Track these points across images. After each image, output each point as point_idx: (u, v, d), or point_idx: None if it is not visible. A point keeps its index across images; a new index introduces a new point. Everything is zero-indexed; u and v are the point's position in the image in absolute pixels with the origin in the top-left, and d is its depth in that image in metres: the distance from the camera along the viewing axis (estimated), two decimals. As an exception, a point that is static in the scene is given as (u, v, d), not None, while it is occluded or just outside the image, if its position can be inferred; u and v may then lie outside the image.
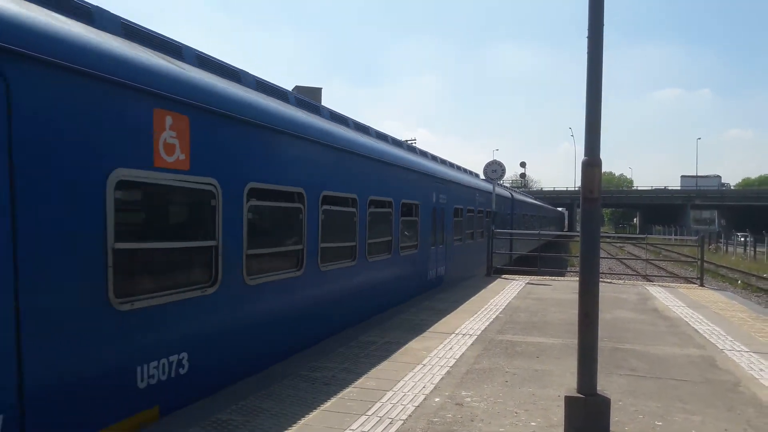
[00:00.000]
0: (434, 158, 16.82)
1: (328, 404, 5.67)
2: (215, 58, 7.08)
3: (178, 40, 6.47)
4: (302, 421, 5.21)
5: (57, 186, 4.23)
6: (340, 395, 5.94)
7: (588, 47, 5.01)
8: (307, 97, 9.87)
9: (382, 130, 12.72)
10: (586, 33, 5.03)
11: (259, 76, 7.91)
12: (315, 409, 5.54)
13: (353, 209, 9.54)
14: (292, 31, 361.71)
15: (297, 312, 7.73)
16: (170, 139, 5.27)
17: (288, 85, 10.39)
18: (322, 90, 19.72)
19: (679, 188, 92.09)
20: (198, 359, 5.72)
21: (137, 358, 5.01)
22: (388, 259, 11.25)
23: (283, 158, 7.43)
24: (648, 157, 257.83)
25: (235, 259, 6.26)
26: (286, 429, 5.04)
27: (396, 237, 11.52)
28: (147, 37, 5.91)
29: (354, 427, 5.12)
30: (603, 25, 5.01)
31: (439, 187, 14.66)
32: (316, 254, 8.15)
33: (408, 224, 12.44)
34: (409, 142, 24.38)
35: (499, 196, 24.25)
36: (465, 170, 21.04)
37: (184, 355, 5.55)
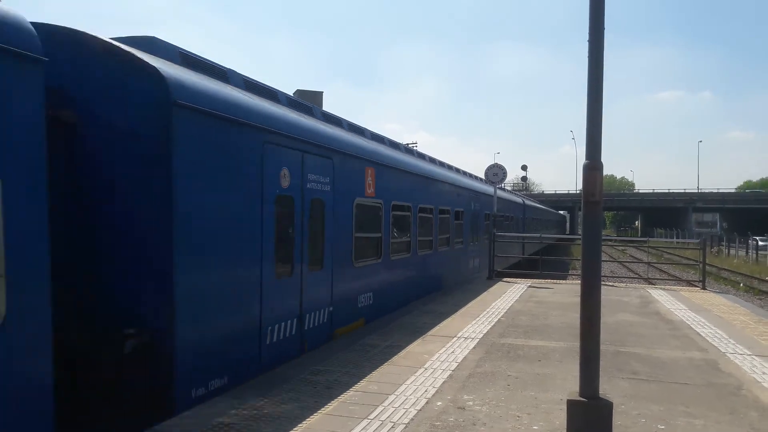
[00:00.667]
0: (467, 174, 20.24)
1: (329, 408, 5.67)
2: (300, 100, 9.57)
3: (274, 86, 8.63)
4: (304, 425, 5.21)
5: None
6: (342, 399, 5.94)
7: (589, 49, 5.02)
8: (379, 134, 12.72)
9: (426, 154, 16.44)
10: (586, 35, 5.04)
11: (324, 109, 10.49)
12: (317, 412, 5.53)
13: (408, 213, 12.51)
14: (293, 34, 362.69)
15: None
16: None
17: (289, 89, 10.58)
18: (323, 94, 19.77)
19: (680, 191, 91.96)
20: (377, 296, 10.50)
21: (360, 290, 9.94)
22: (447, 251, 15.69)
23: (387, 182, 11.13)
24: (649, 160, 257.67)
25: (385, 245, 10.99)
26: (288, 433, 5.04)
27: (453, 234, 15.96)
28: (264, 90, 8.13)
29: (356, 431, 5.11)
30: (603, 26, 5.01)
31: (471, 196, 18.39)
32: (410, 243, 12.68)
33: (458, 225, 16.76)
34: (410, 145, 24.44)
35: (512, 201, 28.51)
36: (478, 178, 22.43)
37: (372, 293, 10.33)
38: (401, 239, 12.12)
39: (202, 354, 5.90)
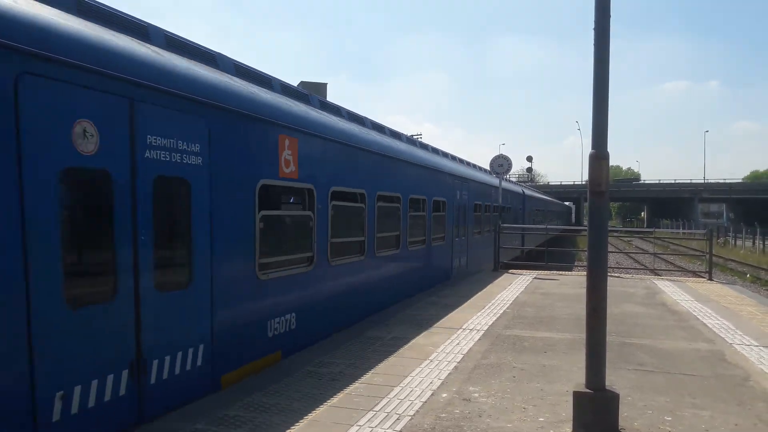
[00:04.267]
0: (473, 165, 20.45)
1: (335, 400, 5.67)
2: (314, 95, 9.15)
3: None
4: (309, 417, 5.21)
5: None
6: (347, 391, 5.94)
7: (594, 40, 4.96)
8: (399, 131, 13.08)
9: (434, 147, 16.45)
10: (591, 25, 4.98)
11: (345, 106, 10.49)
12: (322, 404, 5.53)
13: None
14: (298, 26, 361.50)
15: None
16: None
17: (293, 80, 10.34)
18: (328, 85, 19.68)
19: (686, 181, 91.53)
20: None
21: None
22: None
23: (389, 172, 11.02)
24: (655, 150, 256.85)
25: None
26: (294, 425, 5.04)
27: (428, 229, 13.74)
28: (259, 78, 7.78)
29: (362, 422, 5.11)
30: (610, 16, 4.96)
31: (455, 183, 16.23)
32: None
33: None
34: (415, 136, 24.35)
35: (511, 191, 26.92)
36: (481, 168, 21.51)
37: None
38: (350, 239, 9.54)
39: None
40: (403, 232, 11.65)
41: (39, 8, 4.52)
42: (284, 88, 8.36)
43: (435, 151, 16.19)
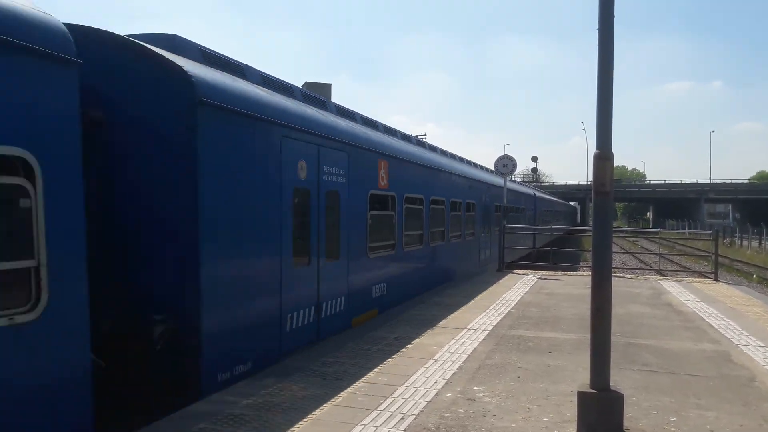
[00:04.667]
0: (491, 171, 21.43)
1: (339, 399, 5.68)
2: (313, 94, 10.02)
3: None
4: (314, 416, 5.22)
5: None
6: (351, 390, 5.95)
7: (599, 40, 4.95)
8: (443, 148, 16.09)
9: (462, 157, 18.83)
10: (593, 26, 4.98)
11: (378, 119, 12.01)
12: (326, 404, 5.54)
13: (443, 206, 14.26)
14: (299, 27, 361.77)
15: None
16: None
17: (297, 81, 10.56)
18: (332, 85, 19.73)
19: (692, 182, 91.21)
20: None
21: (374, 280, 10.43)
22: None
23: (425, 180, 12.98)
24: (660, 151, 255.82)
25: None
26: (298, 424, 5.05)
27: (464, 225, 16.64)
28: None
29: (366, 422, 5.12)
30: (614, 16, 4.95)
31: (483, 188, 19.24)
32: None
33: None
34: (418, 137, 24.41)
35: (524, 194, 30.75)
36: (488, 169, 22.88)
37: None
38: (414, 232, 12.54)
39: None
40: (446, 227, 14.73)
41: (280, 98, 7.85)
42: (365, 120, 11.27)
43: (462, 160, 19.23)
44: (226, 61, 7.50)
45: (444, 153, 16.94)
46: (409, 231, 11.96)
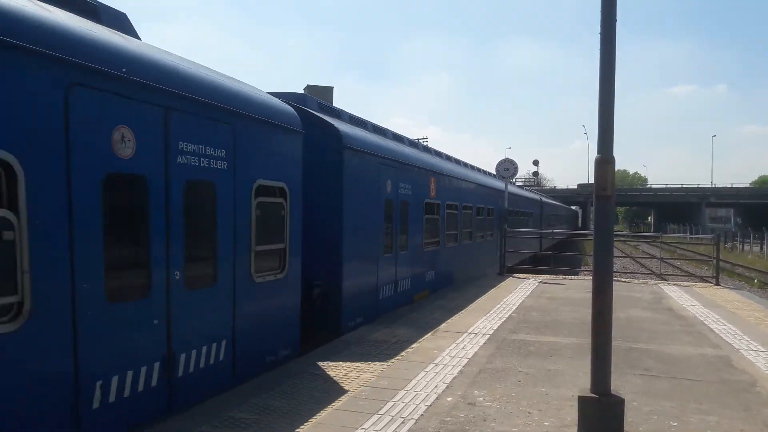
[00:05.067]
0: (492, 175, 23.47)
1: (340, 403, 5.68)
2: (397, 133, 13.63)
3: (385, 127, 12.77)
4: (315, 420, 5.22)
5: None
6: (352, 394, 5.94)
7: (600, 43, 4.96)
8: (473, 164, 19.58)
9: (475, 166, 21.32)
10: (597, 29, 4.98)
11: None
12: (327, 407, 5.54)
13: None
14: (304, 28, 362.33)
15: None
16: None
17: (300, 83, 10.95)
18: (334, 89, 19.75)
19: (694, 186, 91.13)
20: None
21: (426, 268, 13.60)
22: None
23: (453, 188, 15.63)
24: (662, 155, 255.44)
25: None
26: (299, 427, 5.05)
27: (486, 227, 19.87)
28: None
29: (366, 426, 5.11)
30: (615, 20, 4.96)
31: (498, 195, 21.70)
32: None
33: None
34: (420, 140, 24.50)
35: (532, 200, 34.59)
36: (513, 182, 27.57)
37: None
38: (452, 232, 15.79)
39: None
40: (474, 228, 17.95)
41: (378, 138, 11.50)
42: (411, 142, 14.37)
43: (485, 173, 22.55)
44: (352, 116, 11.23)
45: (468, 166, 20.17)
46: (449, 231, 15.22)
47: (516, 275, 17.17)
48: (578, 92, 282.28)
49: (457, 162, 18.65)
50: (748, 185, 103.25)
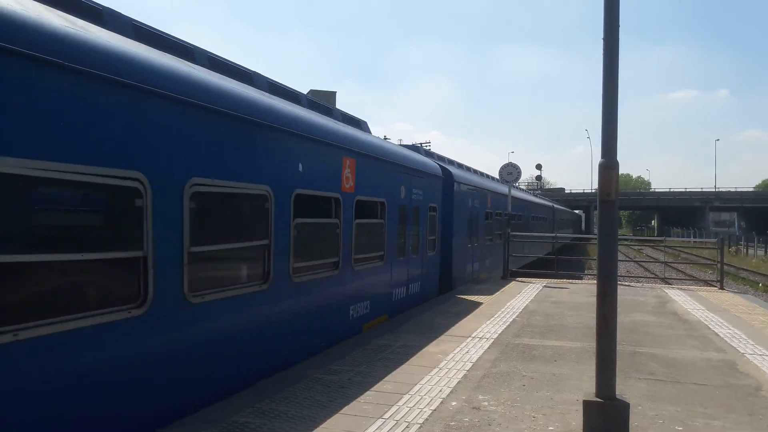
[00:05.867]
0: (529, 191, 32.41)
1: (344, 408, 5.67)
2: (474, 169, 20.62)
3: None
4: (319, 425, 5.22)
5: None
6: (356, 399, 5.94)
7: (603, 49, 4.98)
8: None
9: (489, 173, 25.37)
10: (597, 34, 5.01)
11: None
12: (332, 412, 5.54)
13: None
14: (305, 35, 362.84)
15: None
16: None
17: (303, 89, 10.66)
18: (336, 93, 19.83)
19: (697, 190, 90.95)
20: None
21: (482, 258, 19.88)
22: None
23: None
24: (665, 159, 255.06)
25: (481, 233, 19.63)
26: (303, 432, 5.05)
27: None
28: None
29: (371, 430, 5.11)
30: (618, 26, 4.98)
31: (524, 205, 29.57)
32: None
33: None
34: (423, 145, 24.52)
35: (545, 206, 40.70)
36: (534, 193, 36.89)
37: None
38: (498, 231, 21.14)
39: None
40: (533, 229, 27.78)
41: (467, 173, 19.20)
42: (459, 164, 18.69)
43: (520, 189, 31.21)
44: (451, 160, 17.71)
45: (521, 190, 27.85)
46: (498, 231, 20.69)
47: (519, 279, 17.16)
48: (581, 97, 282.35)
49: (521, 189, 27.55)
50: (752, 189, 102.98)
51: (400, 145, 16.92)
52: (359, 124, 11.13)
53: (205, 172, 5.55)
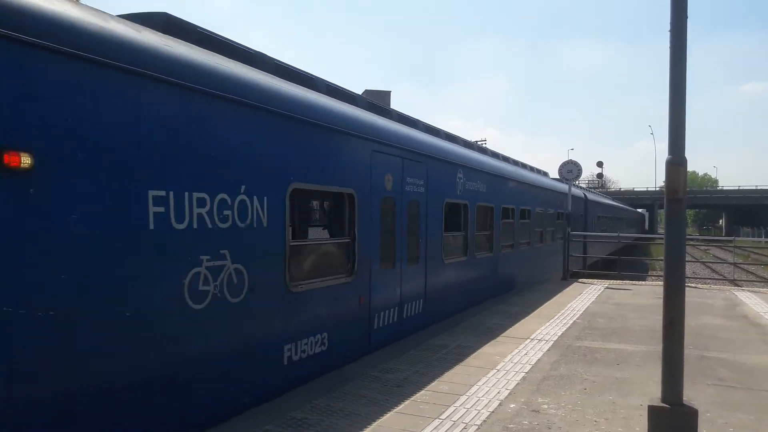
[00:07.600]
0: (591, 189, 33.08)
1: (400, 406, 5.66)
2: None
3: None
4: (375, 422, 5.23)
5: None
6: (412, 398, 5.92)
7: (670, 40, 4.79)
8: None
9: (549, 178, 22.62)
10: (659, 28, 4.83)
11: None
12: (388, 410, 5.54)
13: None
14: (362, 35, 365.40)
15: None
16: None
17: (358, 88, 10.94)
18: (391, 93, 19.89)
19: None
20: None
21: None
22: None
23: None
24: (734, 155, 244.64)
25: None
26: (360, 429, 5.07)
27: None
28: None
29: (427, 430, 5.08)
30: (686, 16, 4.78)
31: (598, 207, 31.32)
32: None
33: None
34: (479, 142, 24.33)
35: (610, 206, 40.48)
36: (600, 192, 33.91)
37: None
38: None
39: None
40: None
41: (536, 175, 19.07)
42: (522, 165, 17.95)
43: (589, 190, 31.77)
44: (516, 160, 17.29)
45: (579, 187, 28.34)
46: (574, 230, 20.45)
47: (580, 280, 16.76)
48: (643, 91, 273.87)
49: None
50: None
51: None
52: (540, 172, 17.74)
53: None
